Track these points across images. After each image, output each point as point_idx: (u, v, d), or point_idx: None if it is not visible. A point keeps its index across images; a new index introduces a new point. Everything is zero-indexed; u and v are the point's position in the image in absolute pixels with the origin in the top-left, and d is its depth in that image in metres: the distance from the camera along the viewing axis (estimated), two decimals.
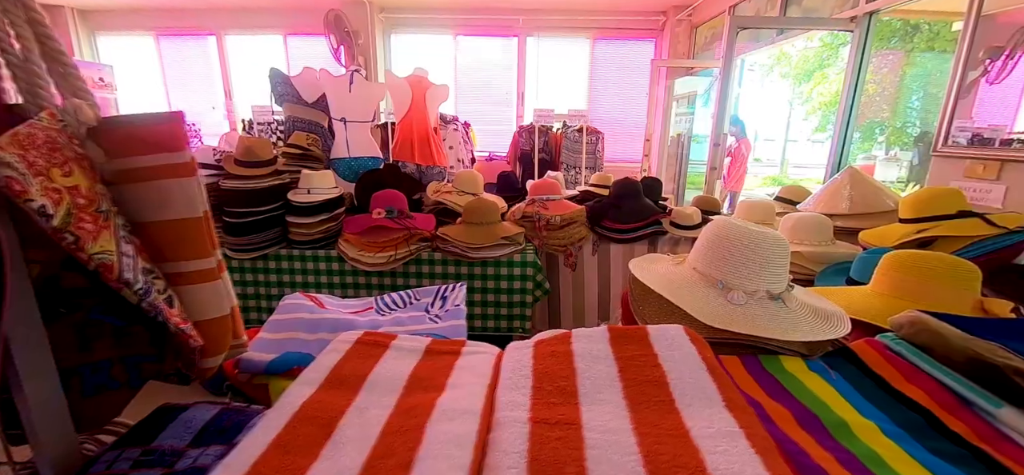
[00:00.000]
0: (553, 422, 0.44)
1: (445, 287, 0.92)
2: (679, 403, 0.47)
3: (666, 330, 0.58)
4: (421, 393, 0.50)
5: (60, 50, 0.55)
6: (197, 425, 0.55)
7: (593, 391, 0.48)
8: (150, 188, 0.57)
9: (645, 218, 2.16)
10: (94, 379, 0.58)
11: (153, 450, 0.50)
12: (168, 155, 0.56)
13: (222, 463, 0.40)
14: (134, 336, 0.59)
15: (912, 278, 0.91)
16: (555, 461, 0.39)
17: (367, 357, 0.58)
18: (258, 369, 0.69)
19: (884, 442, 0.54)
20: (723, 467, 0.38)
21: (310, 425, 0.44)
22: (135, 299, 0.49)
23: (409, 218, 1.90)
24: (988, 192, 1.55)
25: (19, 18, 0.53)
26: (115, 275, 0.47)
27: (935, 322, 0.67)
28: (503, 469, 0.38)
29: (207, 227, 0.60)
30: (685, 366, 0.52)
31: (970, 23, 1.60)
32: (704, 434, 0.42)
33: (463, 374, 0.54)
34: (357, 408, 0.48)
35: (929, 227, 1.34)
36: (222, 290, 0.62)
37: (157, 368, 0.61)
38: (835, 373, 0.67)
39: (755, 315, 0.75)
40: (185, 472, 0.48)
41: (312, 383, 0.52)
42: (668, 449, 0.40)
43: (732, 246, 0.80)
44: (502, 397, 0.49)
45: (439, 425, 0.43)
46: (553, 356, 0.55)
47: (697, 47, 4.49)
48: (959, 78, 1.64)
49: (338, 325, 0.78)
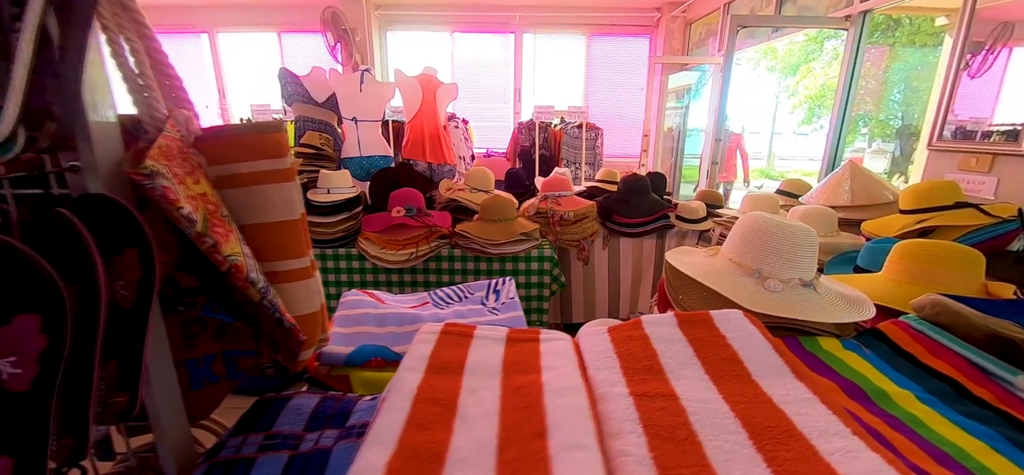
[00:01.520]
0: (652, 395, 0.49)
1: (496, 282, 0.98)
2: (754, 375, 0.53)
3: (727, 314, 0.65)
4: (521, 375, 0.55)
5: (166, 63, 0.59)
6: (306, 411, 0.59)
7: (677, 368, 0.54)
8: (252, 193, 0.61)
9: (653, 213, 2.23)
10: (199, 373, 0.62)
11: (275, 435, 0.55)
12: (270, 161, 0.60)
13: (368, 439, 0.44)
14: (237, 332, 0.63)
15: (924, 265, 0.99)
16: (667, 425, 0.44)
17: (457, 346, 0.62)
18: (338, 361, 0.74)
19: (921, 407, 0.61)
20: (809, 425, 0.44)
21: (433, 405, 0.49)
22: (257, 297, 0.53)
23: (428, 215, 1.94)
24: (981, 184, 1.66)
25: (131, 33, 0.56)
26: (244, 275, 0.51)
27: (954, 304, 0.75)
28: (624, 434, 0.44)
29: (303, 228, 0.64)
30: (751, 344, 0.58)
31: (964, 19, 1.70)
32: (785, 400, 0.48)
33: (552, 358, 0.59)
34: (468, 389, 0.53)
35: (928, 217, 1.43)
36: (314, 287, 0.66)
37: (254, 362, 0.65)
38: (868, 350, 0.75)
39: (791, 300, 0.82)
40: (311, 453, 0.52)
41: (416, 370, 0.57)
42: (758, 413, 0.46)
43: (768, 238, 0.87)
44: (596, 376, 0.54)
45: (554, 400, 0.48)
46: (631, 340, 0.61)
47: (691, 43, 4.58)
48: (954, 73, 1.74)
49: (404, 319, 0.83)
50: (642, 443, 0.43)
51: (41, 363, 0.38)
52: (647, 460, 0.41)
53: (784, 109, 9.92)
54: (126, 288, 0.45)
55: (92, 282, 0.41)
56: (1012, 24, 1.80)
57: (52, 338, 0.38)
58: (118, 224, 0.45)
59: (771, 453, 0.41)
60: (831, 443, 0.42)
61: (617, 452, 0.42)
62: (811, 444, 0.42)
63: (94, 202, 0.45)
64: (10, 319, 0.36)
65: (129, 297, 0.46)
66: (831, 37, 7.81)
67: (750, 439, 0.43)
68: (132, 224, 0.45)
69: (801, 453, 0.41)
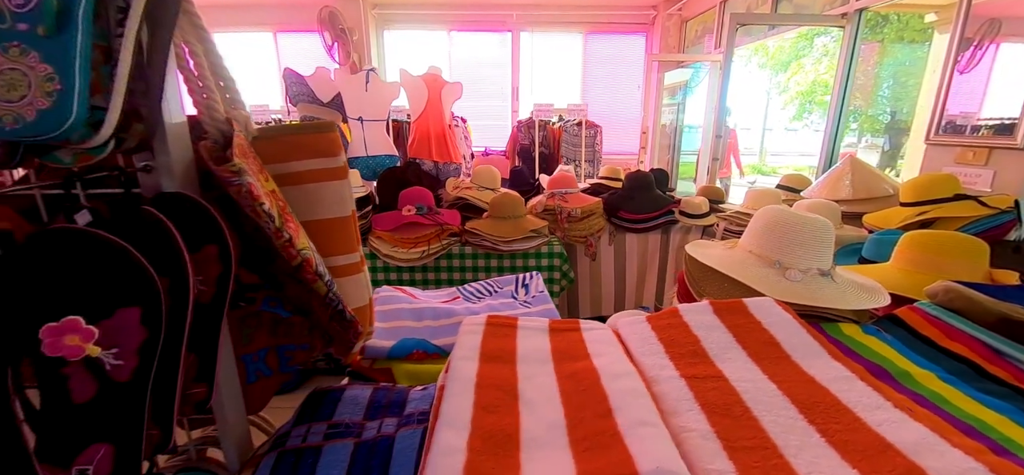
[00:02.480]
0: (702, 376, 0.52)
1: (523, 277, 1.00)
2: (794, 357, 0.56)
3: (760, 301, 0.68)
4: (572, 362, 0.58)
5: (223, 65, 0.60)
6: (363, 401, 0.62)
7: (720, 352, 0.57)
8: (305, 191, 0.62)
9: (658, 209, 2.27)
10: (253, 367, 0.64)
11: (337, 424, 0.57)
12: (323, 160, 0.62)
13: (441, 423, 0.47)
14: (291, 326, 0.65)
15: (931, 254, 1.03)
16: (722, 403, 0.47)
17: (504, 337, 0.65)
18: (381, 354, 0.76)
19: (943, 386, 0.65)
20: (854, 401, 0.47)
21: (496, 391, 0.52)
22: (324, 290, 0.55)
23: (438, 214, 1.96)
24: (978, 176, 1.72)
25: (191, 36, 0.58)
26: (313, 268, 0.53)
27: (967, 290, 0.79)
28: (682, 412, 0.47)
29: (354, 224, 0.66)
30: (786, 328, 0.61)
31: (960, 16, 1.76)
32: (826, 379, 0.52)
33: (598, 345, 0.62)
34: (524, 376, 0.55)
35: (929, 209, 1.49)
36: (363, 282, 0.68)
37: (306, 356, 0.67)
38: (888, 335, 0.78)
39: (811, 289, 0.86)
40: (375, 440, 0.54)
41: (470, 359, 0.59)
42: (803, 391, 0.49)
43: (787, 230, 0.90)
44: (644, 361, 0.57)
45: (612, 383, 0.51)
46: (671, 327, 0.64)
47: (687, 41, 4.64)
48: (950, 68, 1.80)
49: (439, 313, 0.85)
50: (702, 419, 0.46)
51: (140, 355, 0.40)
52: (710, 434, 0.44)
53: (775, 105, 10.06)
54: (205, 283, 0.47)
55: (182, 277, 0.43)
56: (999, 21, 1.87)
57: (151, 330, 0.40)
58: (197, 221, 0.47)
59: (823, 426, 0.44)
60: (876, 415, 0.45)
61: (680, 428, 0.45)
62: (858, 416, 0.45)
63: (173, 200, 0.47)
64: (112, 312, 0.38)
65: (208, 292, 0.48)
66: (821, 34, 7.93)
67: (801, 414, 0.46)
68: (210, 221, 0.47)
69: (850, 425, 0.44)
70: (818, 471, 0.39)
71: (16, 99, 0.31)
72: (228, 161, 0.48)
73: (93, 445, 0.39)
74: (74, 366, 0.38)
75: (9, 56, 0.32)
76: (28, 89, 0.31)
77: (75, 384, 0.38)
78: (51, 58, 0.32)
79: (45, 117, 0.32)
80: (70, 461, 0.39)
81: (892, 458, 0.40)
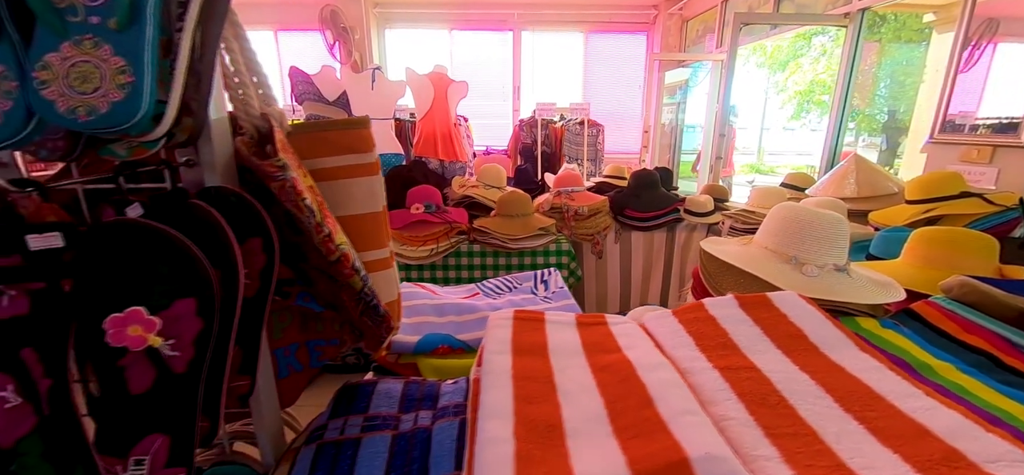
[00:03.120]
0: (735, 368, 0.53)
1: (542, 273, 1.01)
2: (822, 348, 0.57)
3: (783, 295, 0.69)
4: (604, 354, 0.59)
5: (257, 61, 0.61)
6: (396, 394, 0.62)
7: (750, 344, 0.59)
8: (337, 186, 0.63)
9: (664, 207, 2.29)
10: (285, 362, 0.65)
11: (374, 416, 0.58)
12: (355, 156, 0.63)
13: (483, 414, 0.47)
14: (323, 321, 0.65)
15: (943, 250, 1.05)
16: (758, 393, 0.48)
17: (533, 331, 0.66)
18: (407, 349, 0.77)
19: (963, 377, 0.66)
20: (886, 389, 0.49)
21: (533, 383, 0.53)
22: (360, 285, 0.56)
23: (446, 212, 1.97)
24: (982, 174, 1.74)
25: (228, 32, 0.58)
26: (351, 263, 0.54)
27: (982, 285, 0.81)
28: (720, 402, 0.48)
29: (385, 220, 0.67)
30: (812, 321, 0.62)
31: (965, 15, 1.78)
32: (857, 369, 0.53)
33: (628, 339, 0.63)
34: (558, 368, 0.56)
35: (935, 207, 1.50)
36: (392, 277, 0.69)
37: (335, 351, 0.68)
38: (905, 328, 0.80)
39: (828, 284, 0.87)
40: (413, 432, 0.55)
41: (503, 352, 0.60)
42: (836, 380, 0.51)
43: (804, 226, 0.92)
44: (675, 353, 0.58)
45: (648, 375, 0.52)
46: (698, 321, 0.65)
47: (688, 40, 4.66)
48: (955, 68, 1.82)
49: (461, 309, 0.86)
50: (740, 408, 0.47)
51: (196, 346, 0.40)
52: (750, 422, 0.45)
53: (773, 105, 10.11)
54: (250, 276, 0.48)
55: (232, 269, 0.43)
56: (997, 20, 1.89)
57: (206, 322, 0.40)
58: (241, 215, 0.47)
59: (860, 413, 0.45)
60: (910, 403, 0.47)
61: (719, 417, 0.46)
62: (892, 404, 0.47)
63: (217, 194, 0.48)
64: (171, 303, 0.39)
65: (252, 285, 0.48)
66: (819, 33, 7.98)
67: (836, 402, 0.47)
68: (254, 214, 0.48)
69: (886, 412, 0.46)
70: (860, 456, 0.40)
71: (90, 91, 0.32)
72: (269, 156, 0.48)
73: (149, 436, 0.40)
74: (132, 357, 0.38)
75: (82, 49, 0.32)
76: (101, 81, 0.32)
77: (132, 375, 0.39)
78: (123, 51, 0.32)
79: (117, 109, 0.32)
80: (127, 451, 0.39)
81: (930, 443, 0.41)
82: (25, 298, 0.36)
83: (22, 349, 0.36)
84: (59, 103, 0.31)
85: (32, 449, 0.37)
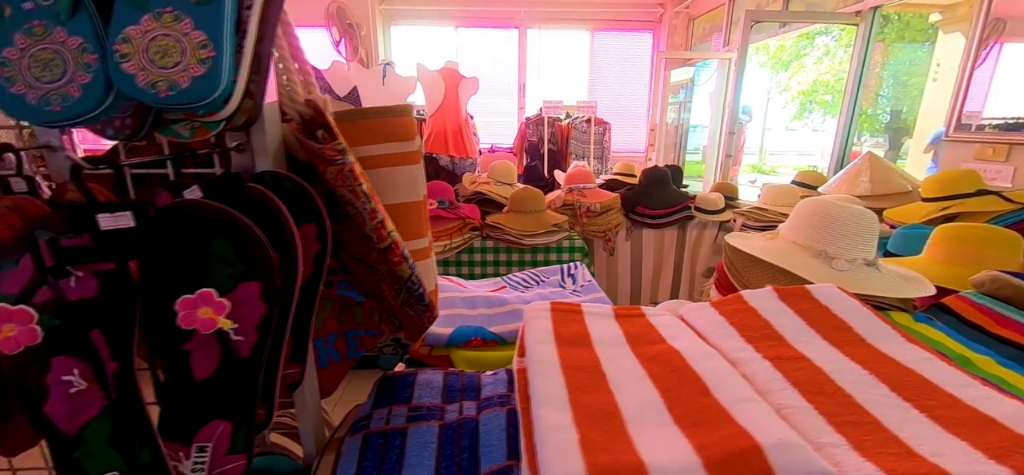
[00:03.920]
0: (785, 358, 0.53)
1: (568, 267, 1.01)
2: (869, 340, 0.57)
3: (822, 287, 0.69)
4: (649, 345, 0.59)
5: (300, 48, 0.60)
6: (437, 385, 0.62)
7: (796, 335, 0.58)
8: (379, 175, 0.63)
9: (675, 205, 2.28)
10: (324, 352, 0.64)
11: (418, 407, 0.57)
12: (398, 144, 0.62)
13: (537, 402, 0.47)
14: (363, 311, 0.65)
15: (969, 246, 1.05)
16: (813, 382, 0.48)
17: (573, 322, 0.65)
18: (441, 341, 0.76)
19: (1001, 370, 0.66)
20: (942, 379, 0.48)
21: (582, 372, 0.52)
22: (408, 272, 0.55)
23: (459, 208, 1.96)
24: (998, 172, 1.74)
25: None
26: (400, 250, 0.53)
27: (1015, 279, 0.80)
28: (776, 391, 0.47)
29: (425, 209, 0.66)
30: (855, 313, 0.62)
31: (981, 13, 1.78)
32: (908, 360, 0.52)
33: (670, 330, 0.63)
34: (605, 358, 0.56)
35: (952, 204, 1.50)
36: (431, 267, 0.68)
37: (373, 341, 0.68)
38: (939, 322, 0.80)
39: (859, 279, 0.87)
40: (459, 422, 0.55)
41: (547, 342, 0.59)
42: (889, 371, 0.50)
43: (833, 221, 0.92)
44: (722, 344, 0.58)
45: (700, 364, 0.51)
46: (739, 312, 0.65)
47: (694, 39, 4.65)
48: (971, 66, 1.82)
49: (492, 302, 0.85)
50: (798, 397, 0.46)
51: (259, 330, 0.40)
52: (810, 410, 0.44)
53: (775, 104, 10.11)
54: (304, 263, 0.47)
55: (290, 254, 0.43)
56: (1004, 20, 1.89)
57: (269, 306, 0.40)
58: (296, 200, 0.47)
59: (919, 403, 0.45)
60: (968, 392, 0.46)
61: (778, 406, 0.46)
62: (951, 393, 0.46)
63: (271, 179, 0.47)
64: (236, 286, 0.38)
65: (306, 271, 0.48)
66: (822, 33, 7.98)
67: (894, 392, 0.47)
68: (309, 200, 0.47)
69: (946, 402, 0.45)
70: (928, 444, 0.40)
71: (170, 65, 0.31)
72: (322, 142, 0.48)
73: (212, 422, 0.39)
74: (198, 341, 0.38)
75: (162, 22, 0.31)
76: (182, 56, 0.31)
77: (197, 360, 0.38)
78: (204, 24, 0.32)
79: (198, 84, 0.32)
80: (191, 437, 0.39)
81: (998, 430, 0.40)
82: (94, 279, 0.35)
83: (91, 332, 0.35)
84: (139, 77, 0.31)
85: (97, 435, 0.37)
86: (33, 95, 0.31)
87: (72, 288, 0.35)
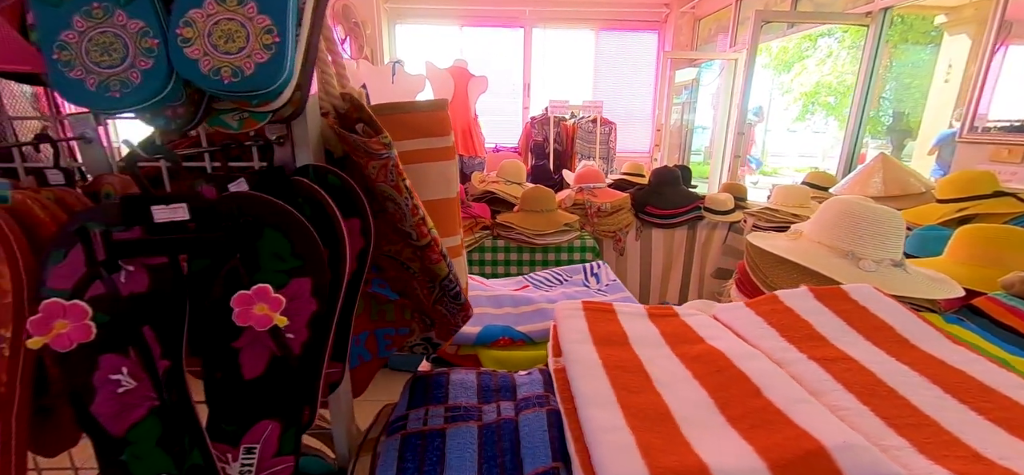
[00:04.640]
0: (831, 359, 0.52)
1: (591, 266, 1.00)
2: (912, 341, 0.56)
3: (859, 288, 0.68)
4: (689, 345, 0.58)
5: (335, 41, 0.59)
6: (472, 385, 0.61)
7: (838, 336, 0.57)
8: (412, 170, 0.61)
9: (685, 205, 2.28)
10: (355, 351, 0.63)
11: (455, 407, 0.56)
12: (433, 140, 0.61)
13: (584, 403, 0.46)
14: (395, 310, 0.64)
15: (992, 247, 1.04)
16: (863, 383, 0.47)
17: (607, 321, 0.64)
18: (468, 340, 0.75)
19: None
20: (994, 381, 0.47)
21: (625, 373, 0.51)
22: (445, 270, 0.54)
23: (469, 207, 1.95)
24: (1014, 174, 1.74)
25: None
26: (439, 248, 0.52)
27: None
28: (827, 392, 0.46)
29: (457, 206, 0.65)
30: (895, 314, 0.61)
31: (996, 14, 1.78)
32: (956, 361, 0.52)
33: (708, 329, 0.62)
34: (646, 358, 0.55)
35: (968, 206, 1.50)
36: (462, 265, 0.67)
37: (404, 340, 0.67)
38: (971, 324, 0.79)
39: (887, 279, 0.86)
40: (498, 423, 0.54)
41: (584, 342, 0.58)
42: (938, 372, 0.49)
43: (860, 221, 0.91)
44: (761, 344, 0.57)
45: (746, 364, 0.50)
46: (776, 312, 0.64)
47: (700, 39, 4.65)
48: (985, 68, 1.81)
49: (517, 301, 0.84)
50: (851, 398, 0.46)
51: (310, 328, 0.39)
52: (866, 412, 0.43)
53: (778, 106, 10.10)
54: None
55: (338, 249, 0.42)
56: (1010, 23, 1.88)
57: (320, 302, 0.39)
58: (339, 195, 0.46)
59: (975, 405, 0.44)
60: (1022, 394, 0.45)
61: (832, 407, 0.45)
62: (1007, 396, 0.45)
63: (315, 173, 0.46)
64: (288, 281, 0.37)
65: (350, 267, 0.47)
66: (825, 35, 7.98)
67: (947, 393, 0.46)
68: (353, 195, 0.46)
69: (1002, 404, 0.44)
70: (993, 447, 0.39)
71: (234, 51, 0.30)
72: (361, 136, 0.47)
73: (261, 422, 0.38)
74: (248, 338, 0.37)
75: (226, 6, 0.30)
76: (246, 41, 0.30)
77: (246, 359, 0.37)
78: (268, 9, 0.31)
79: (262, 71, 0.31)
80: (239, 439, 0.38)
81: None
82: (145, 274, 0.34)
83: (142, 329, 0.34)
84: (202, 63, 0.30)
85: (146, 436, 0.36)
86: (92, 80, 0.29)
87: (123, 283, 0.34)
